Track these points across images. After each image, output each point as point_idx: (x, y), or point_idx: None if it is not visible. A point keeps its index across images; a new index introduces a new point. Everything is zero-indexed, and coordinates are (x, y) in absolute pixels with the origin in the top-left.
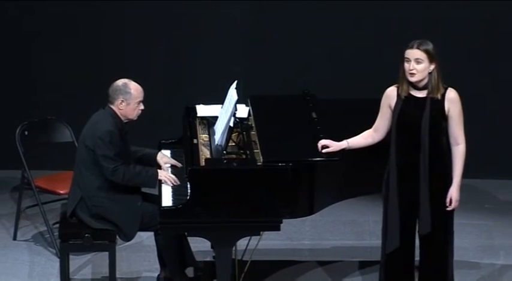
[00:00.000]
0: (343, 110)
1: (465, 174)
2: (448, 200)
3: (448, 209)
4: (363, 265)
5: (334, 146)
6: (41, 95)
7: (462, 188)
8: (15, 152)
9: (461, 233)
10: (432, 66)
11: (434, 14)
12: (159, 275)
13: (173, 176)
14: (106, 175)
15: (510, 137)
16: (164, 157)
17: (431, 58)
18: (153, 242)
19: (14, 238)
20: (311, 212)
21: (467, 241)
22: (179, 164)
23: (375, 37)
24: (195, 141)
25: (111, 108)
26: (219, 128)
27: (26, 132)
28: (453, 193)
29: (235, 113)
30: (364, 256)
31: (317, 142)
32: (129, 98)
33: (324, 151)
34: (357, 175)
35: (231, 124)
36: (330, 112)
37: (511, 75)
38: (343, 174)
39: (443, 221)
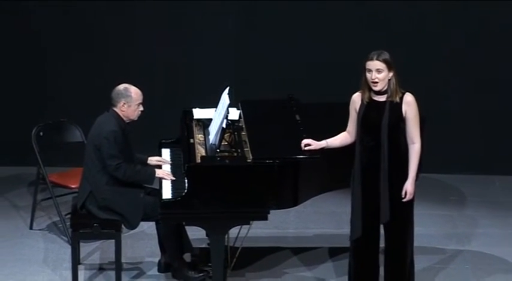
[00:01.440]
0: (324, 113)
1: (433, 169)
2: (403, 192)
3: (403, 200)
4: (341, 251)
5: (315, 145)
6: (54, 100)
7: (432, 181)
8: (32, 150)
9: (428, 222)
10: (391, 74)
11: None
12: (159, 260)
13: (169, 173)
14: (109, 171)
15: (473, 136)
16: (153, 158)
17: (389, 67)
18: (155, 231)
19: (31, 228)
20: (295, 204)
21: (433, 229)
22: (168, 161)
23: (360, 44)
24: (191, 141)
25: (114, 110)
26: (213, 129)
27: (41, 133)
28: (408, 186)
29: (227, 116)
30: (342, 243)
31: (300, 141)
32: (130, 100)
33: (306, 148)
34: (335, 170)
35: (224, 125)
36: (312, 115)
37: (476, 77)
38: (324, 170)
39: (402, 212)
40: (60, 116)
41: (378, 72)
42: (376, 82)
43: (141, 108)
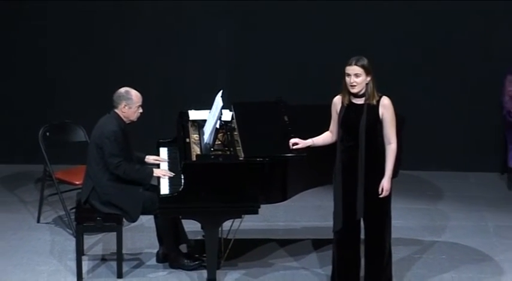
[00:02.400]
0: (310, 114)
1: (411, 166)
2: (380, 189)
3: (380, 197)
4: (327, 242)
5: (302, 143)
6: (60, 102)
7: (410, 178)
8: (39, 149)
9: (407, 216)
10: (368, 78)
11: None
12: (158, 251)
13: (167, 171)
14: (110, 168)
15: (449, 135)
16: (150, 157)
17: (367, 71)
18: (153, 224)
19: (38, 221)
20: (284, 199)
21: (412, 222)
22: (165, 160)
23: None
24: (187, 140)
25: (115, 112)
26: (208, 129)
27: (47, 133)
28: (384, 183)
29: (220, 117)
30: (327, 235)
31: (288, 141)
32: (130, 102)
33: (294, 147)
34: (321, 167)
35: (217, 126)
36: (299, 116)
37: (448, 79)
38: (310, 167)
39: (379, 206)
40: (65, 117)
41: (356, 77)
42: (354, 85)
43: (141, 110)
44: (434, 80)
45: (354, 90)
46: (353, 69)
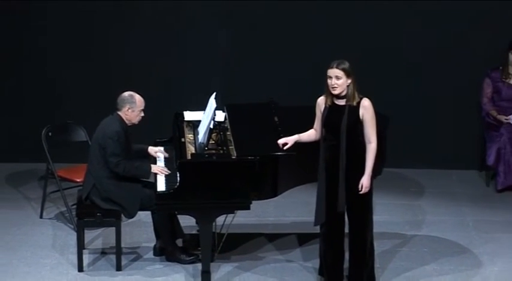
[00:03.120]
0: (299, 114)
1: (395, 164)
2: (360, 186)
3: (360, 193)
4: (315, 236)
5: (290, 140)
6: (62, 104)
7: (393, 175)
8: (42, 149)
9: (391, 211)
10: (349, 81)
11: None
12: (155, 245)
13: (164, 168)
14: (110, 167)
15: (431, 135)
16: (153, 148)
17: (348, 74)
18: (150, 220)
19: (41, 217)
20: (274, 195)
21: (396, 217)
22: (166, 154)
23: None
24: (182, 140)
25: (118, 114)
26: (202, 130)
27: (50, 133)
28: (364, 180)
29: (214, 118)
30: (316, 229)
31: (278, 140)
32: (134, 106)
33: (285, 148)
34: (309, 165)
35: (211, 126)
36: (289, 116)
37: (431, 82)
38: (299, 165)
39: (360, 201)
40: (67, 118)
41: (337, 79)
42: (335, 87)
43: (142, 114)
44: (418, 82)
45: (335, 92)
46: (334, 72)
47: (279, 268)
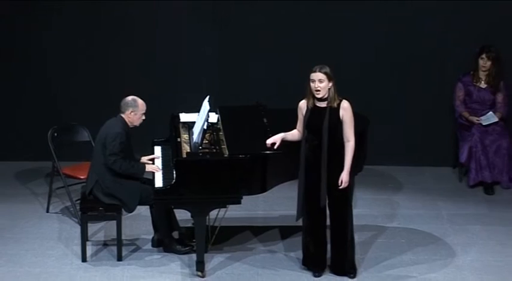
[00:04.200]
0: (285, 116)
1: (374, 162)
2: (340, 181)
3: (340, 188)
4: (300, 229)
5: (277, 139)
6: (67, 107)
7: (373, 172)
8: (48, 148)
9: (371, 205)
10: (330, 84)
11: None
12: (153, 237)
13: (157, 167)
14: (108, 164)
15: (408, 134)
16: (145, 157)
17: (329, 78)
18: (149, 214)
19: (47, 211)
20: (263, 191)
21: (375, 211)
22: (157, 156)
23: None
24: (178, 139)
25: (121, 116)
26: (196, 130)
27: (55, 134)
28: (344, 176)
29: (208, 119)
30: (301, 222)
31: (267, 139)
32: (136, 110)
33: (274, 147)
34: (295, 163)
35: (205, 127)
36: (276, 118)
37: (408, 85)
38: (286, 163)
39: (341, 196)
40: (71, 119)
41: (320, 82)
42: (319, 90)
43: (144, 118)
44: (396, 85)
45: (319, 95)
46: (317, 76)
47: (267, 259)
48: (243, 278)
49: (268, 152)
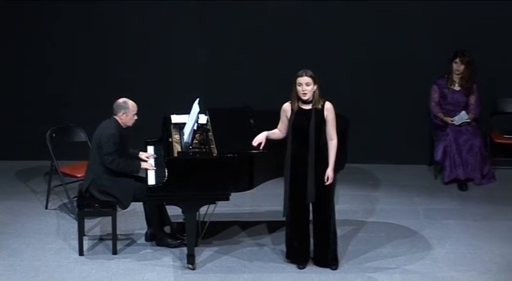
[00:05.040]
0: (270, 117)
1: (355, 160)
2: (325, 178)
3: (326, 184)
4: (285, 224)
5: (262, 139)
6: (64, 109)
7: (353, 170)
8: (46, 148)
9: (352, 201)
10: (315, 87)
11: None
12: (146, 231)
13: (151, 165)
14: (105, 163)
15: (386, 134)
16: (144, 153)
17: (314, 81)
18: (142, 210)
19: (46, 208)
20: (250, 188)
21: (355, 206)
22: (152, 155)
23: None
24: (170, 140)
25: (114, 118)
26: (187, 131)
27: (54, 135)
28: (329, 173)
29: (197, 120)
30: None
31: (253, 140)
32: (127, 111)
33: (259, 146)
34: (280, 162)
35: (195, 128)
36: (262, 119)
37: (386, 87)
38: (271, 161)
39: (325, 192)
40: (69, 121)
41: (307, 85)
42: (306, 93)
43: (136, 118)
44: (375, 87)
45: (306, 97)
46: (304, 80)
47: (254, 252)
48: (231, 271)
49: (254, 151)
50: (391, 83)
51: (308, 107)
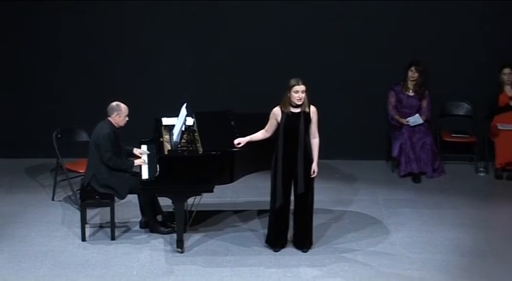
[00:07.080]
0: (250, 119)
1: (324, 157)
2: (312, 171)
3: (312, 177)
4: (263, 212)
5: (243, 141)
6: (68, 112)
7: (321, 165)
8: (53, 147)
9: (321, 192)
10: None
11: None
12: (140, 220)
13: (144, 161)
14: (104, 161)
15: (349, 133)
16: (137, 149)
17: (306, 88)
18: (137, 201)
19: (52, 199)
20: (232, 181)
21: (324, 197)
22: (144, 151)
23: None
24: (161, 139)
25: (108, 119)
26: (176, 132)
27: (59, 135)
28: (314, 167)
29: (185, 122)
30: (264, 206)
31: (234, 139)
32: (120, 113)
33: (240, 145)
34: (258, 159)
35: (183, 129)
36: (243, 121)
37: (349, 91)
38: (250, 158)
39: (308, 183)
40: (72, 123)
41: (302, 93)
42: (301, 99)
43: (127, 119)
44: (339, 92)
45: (300, 103)
46: (301, 87)
47: (236, 237)
48: (216, 254)
49: (235, 149)
50: (354, 89)
51: (297, 110)
